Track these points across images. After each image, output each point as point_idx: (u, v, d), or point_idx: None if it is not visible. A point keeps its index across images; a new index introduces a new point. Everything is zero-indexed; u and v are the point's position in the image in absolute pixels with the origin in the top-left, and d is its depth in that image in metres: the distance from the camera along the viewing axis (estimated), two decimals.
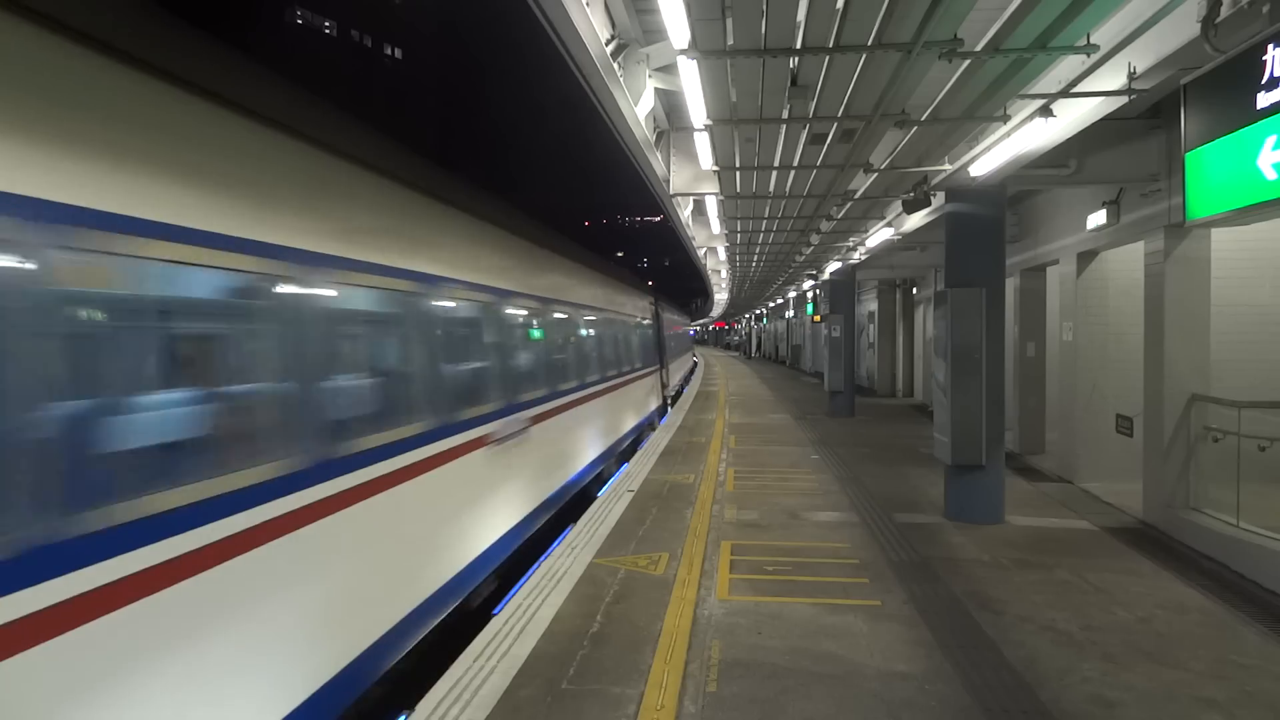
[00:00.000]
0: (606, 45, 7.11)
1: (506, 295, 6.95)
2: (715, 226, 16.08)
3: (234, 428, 3.35)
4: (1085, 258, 9.35)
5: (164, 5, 3.28)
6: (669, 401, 20.93)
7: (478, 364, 6.34)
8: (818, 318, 24.01)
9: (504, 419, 6.47)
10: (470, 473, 5.68)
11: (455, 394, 5.58)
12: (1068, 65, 5.21)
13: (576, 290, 10.15)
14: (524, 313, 7.62)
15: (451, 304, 5.78)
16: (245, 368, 3.50)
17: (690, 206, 16.45)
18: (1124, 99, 5.18)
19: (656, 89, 8.81)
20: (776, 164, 8.12)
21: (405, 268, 4.91)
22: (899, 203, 8.98)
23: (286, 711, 3.32)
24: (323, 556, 3.72)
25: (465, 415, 5.64)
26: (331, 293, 4.00)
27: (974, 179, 7.15)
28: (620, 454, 12.72)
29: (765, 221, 12.70)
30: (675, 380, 25.31)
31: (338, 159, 4.28)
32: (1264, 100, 3.82)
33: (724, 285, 35.69)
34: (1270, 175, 3.84)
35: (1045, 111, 5.54)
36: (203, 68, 3.30)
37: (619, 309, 13.60)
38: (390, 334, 5.00)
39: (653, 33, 8.09)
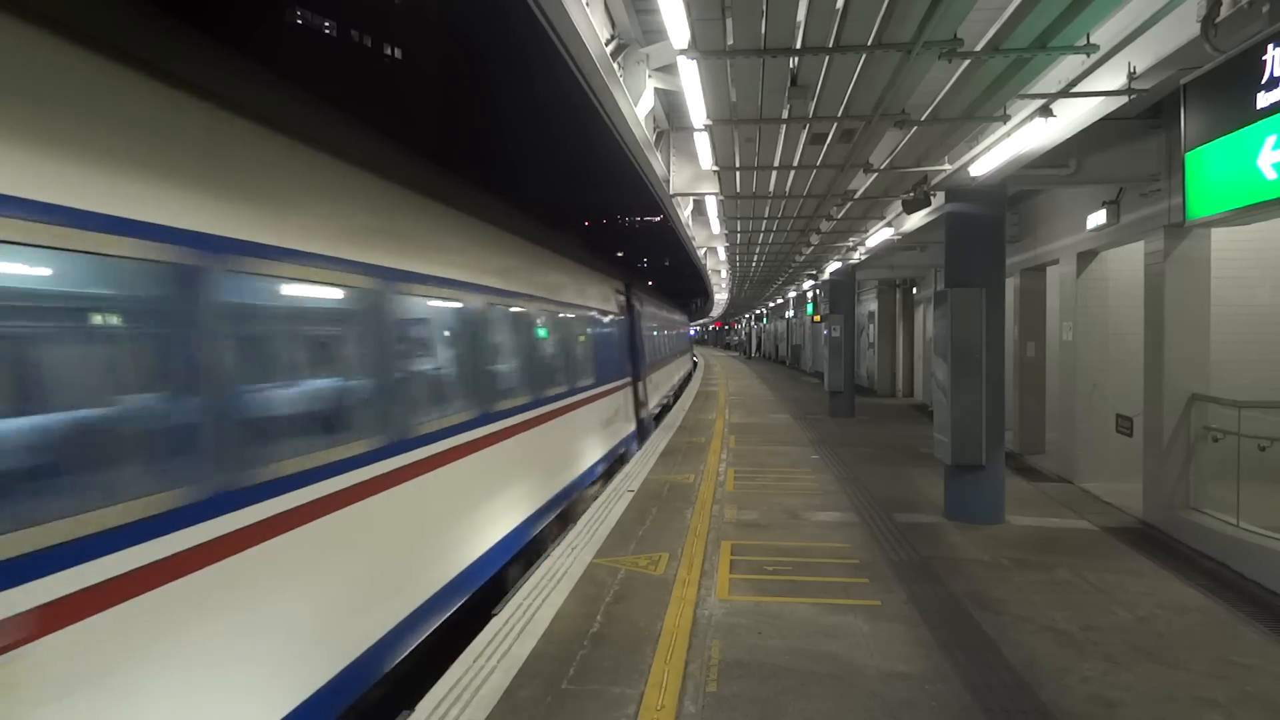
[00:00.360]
0: (606, 45, 7.11)
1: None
2: (715, 226, 16.08)
3: None
4: (1085, 258, 9.35)
5: None
6: (648, 424, 15.39)
7: None
8: (818, 318, 24.02)
9: None
10: None
11: None
12: (1068, 65, 5.21)
13: (424, 252, 5.42)
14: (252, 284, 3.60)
15: None
16: None
17: (690, 206, 16.45)
18: (1124, 99, 5.18)
19: (656, 89, 8.81)
20: (776, 164, 8.12)
21: None
22: (899, 203, 8.98)
23: None
24: None
25: None
26: None
27: (974, 179, 7.15)
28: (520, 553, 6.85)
29: (765, 221, 12.70)
30: (662, 393, 19.42)
31: None
32: (1264, 100, 3.82)
33: (724, 285, 35.68)
34: (1270, 175, 3.85)
35: (1045, 111, 5.54)
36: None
37: (546, 294, 8.58)
38: None
39: (653, 33, 8.09)
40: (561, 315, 9.31)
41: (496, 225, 7.25)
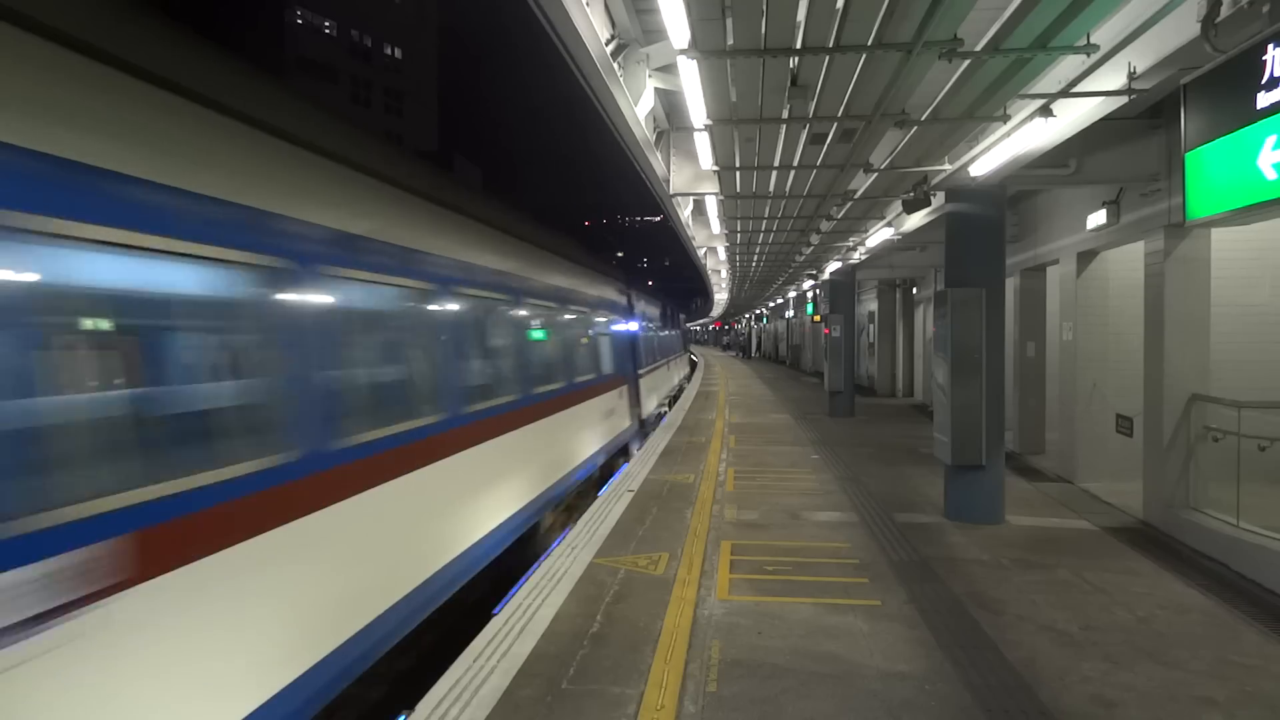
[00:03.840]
0: (606, 45, 7.10)
1: None
2: (715, 226, 16.05)
3: None
4: (1085, 258, 9.35)
5: None
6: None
7: None
8: (818, 318, 24.00)
9: None
10: None
11: None
12: (1068, 65, 5.21)
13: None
14: None
15: None
16: None
17: (690, 206, 16.44)
18: (1124, 99, 5.18)
19: (656, 89, 8.80)
20: (776, 164, 8.12)
21: None
22: (899, 203, 8.98)
23: None
24: None
25: None
26: None
27: (974, 179, 7.14)
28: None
29: (765, 221, 12.69)
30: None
31: None
32: (1264, 100, 3.82)
33: (724, 285, 35.65)
34: (1270, 175, 3.84)
35: (1045, 111, 5.54)
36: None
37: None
38: None
39: (653, 33, 8.08)
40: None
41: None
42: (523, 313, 7.68)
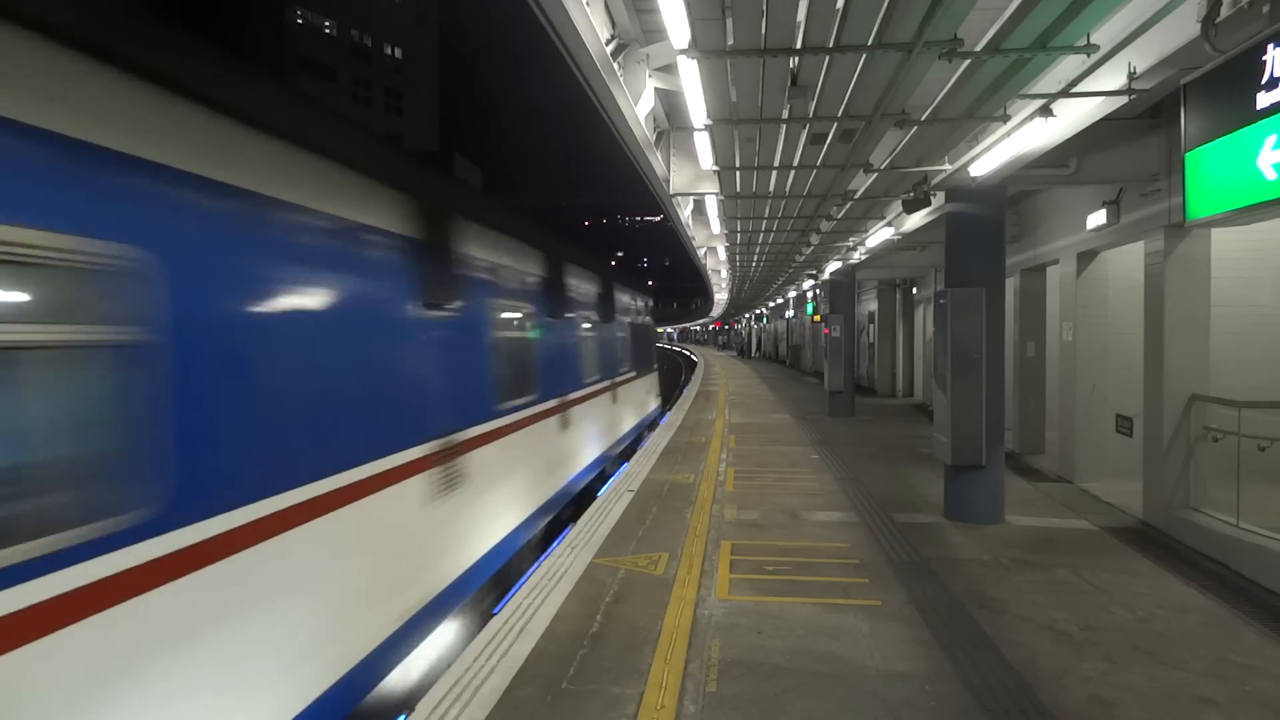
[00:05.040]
0: (606, 45, 7.09)
1: None
2: (715, 226, 16.04)
3: None
4: (1085, 258, 9.35)
5: None
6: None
7: None
8: (818, 318, 24.01)
9: None
10: None
11: None
12: (1068, 65, 5.21)
13: None
14: None
15: None
16: None
17: (690, 206, 16.43)
18: (1124, 99, 5.18)
19: (656, 89, 8.80)
20: (776, 164, 8.12)
21: None
22: (899, 203, 8.98)
23: None
24: None
25: None
26: None
27: (974, 179, 7.15)
28: None
29: (765, 221, 12.69)
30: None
31: None
32: (1264, 100, 3.82)
33: (724, 285, 35.65)
34: (1270, 175, 3.84)
35: (1045, 111, 5.54)
36: None
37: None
38: None
39: (653, 32, 8.07)
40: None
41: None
42: None
